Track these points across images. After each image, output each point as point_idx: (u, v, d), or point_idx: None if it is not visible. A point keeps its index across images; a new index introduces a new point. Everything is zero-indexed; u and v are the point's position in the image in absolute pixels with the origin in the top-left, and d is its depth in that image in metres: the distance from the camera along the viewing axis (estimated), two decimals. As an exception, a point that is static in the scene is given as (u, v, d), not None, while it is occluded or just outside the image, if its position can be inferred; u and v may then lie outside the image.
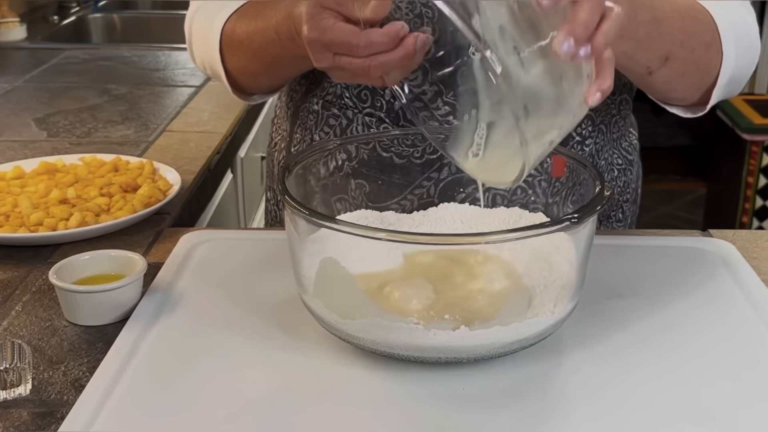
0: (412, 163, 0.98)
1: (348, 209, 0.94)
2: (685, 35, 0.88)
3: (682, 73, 0.90)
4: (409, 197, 0.98)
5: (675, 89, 0.93)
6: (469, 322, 0.72)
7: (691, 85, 0.93)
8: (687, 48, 0.88)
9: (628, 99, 1.08)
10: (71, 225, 1.00)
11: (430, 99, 0.97)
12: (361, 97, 1.01)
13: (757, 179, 2.67)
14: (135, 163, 1.17)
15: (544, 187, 0.99)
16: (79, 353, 0.79)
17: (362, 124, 1.02)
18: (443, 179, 0.98)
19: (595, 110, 1.02)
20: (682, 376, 0.74)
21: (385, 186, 0.98)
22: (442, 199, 0.98)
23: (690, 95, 0.95)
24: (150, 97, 1.59)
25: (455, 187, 0.97)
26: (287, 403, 0.71)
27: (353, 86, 1.01)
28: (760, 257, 0.95)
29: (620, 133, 1.08)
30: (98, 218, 1.03)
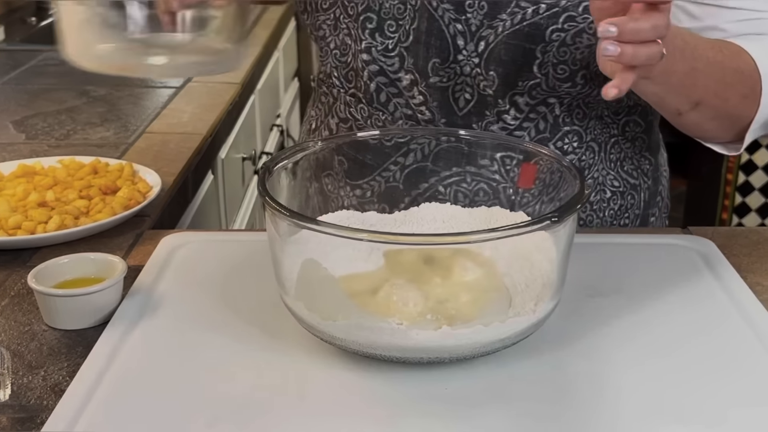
0: (383, 144, 0.98)
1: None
2: (721, 86, 0.89)
3: (712, 118, 0.92)
4: (377, 178, 1.00)
5: (706, 130, 0.94)
6: (450, 321, 0.72)
7: (722, 128, 0.94)
8: (721, 98, 0.89)
9: (639, 122, 1.06)
10: (50, 228, 0.99)
11: (406, 87, 0.98)
12: (348, 78, 1.03)
13: (737, 176, 2.69)
14: (114, 165, 1.17)
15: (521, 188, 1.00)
16: (59, 358, 0.78)
17: (344, 103, 1.05)
18: (408, 165, 0.99)
19: (585, 128, 1.02)
20: (664, 373, 0.75)
21: (359, 165, 0.99)
22: (406, 185, 0.99)
23: (722, 135, 0.96)
24: (129, 99, 1.58)
25: (420, 176, 0.98)
26: (270, 405, 0.71)
27: (341, 67, 1.03)
28: (740, 254, 0.96)
29: (623, 156, 1.06)
30: (77, 221, 1.02)
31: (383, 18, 0.97)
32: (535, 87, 0.96)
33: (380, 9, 0.96)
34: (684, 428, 0.68)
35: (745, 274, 0.91)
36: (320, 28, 1.03)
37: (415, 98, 0.98)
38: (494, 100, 0.97)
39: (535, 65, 0.94)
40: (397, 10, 0.96)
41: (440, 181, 0.99)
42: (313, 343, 0.78)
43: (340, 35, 1.01)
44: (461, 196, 0.99)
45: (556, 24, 0.91)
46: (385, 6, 0.96)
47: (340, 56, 1.02)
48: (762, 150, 2.65)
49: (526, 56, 0.94)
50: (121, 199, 1.06)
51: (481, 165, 0.97)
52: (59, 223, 1.00)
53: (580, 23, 0.91)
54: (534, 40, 0.92)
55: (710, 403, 0.71)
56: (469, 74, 0.96)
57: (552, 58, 0.93)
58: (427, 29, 0.95)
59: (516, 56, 0.94)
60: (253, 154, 1.96)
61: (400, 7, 0.96)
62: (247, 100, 1.90)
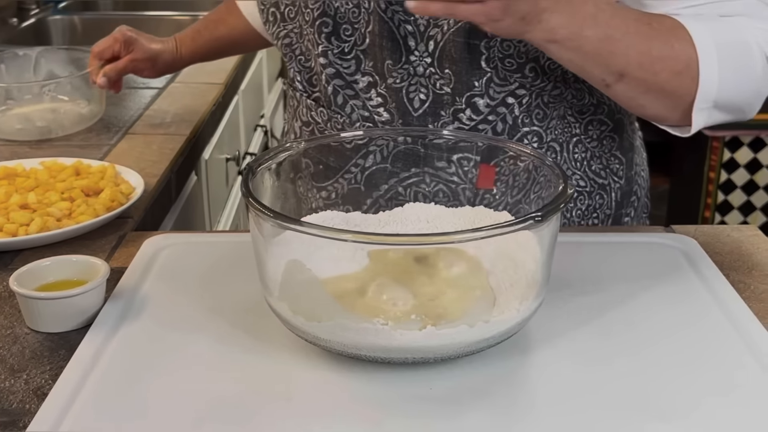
0: (344, 147, 0.99)
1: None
2: (647, 58, 0.88)
3: (643, 92, 0.90)
4: (341, 180, 1.00)
5: (643, 105, 0.93)
6: (435, 321, 0.72)
7: (662, 105, 0.92)
8: (648, 71, 0.88)
9: (605, 121, 1.06)
10: (32, 230, 0.99)
11: (363, 89, 0.99)
12: (312, 82, 1.04)
13: (719, 174, 2.71)
14: (97, 166, 1.16)
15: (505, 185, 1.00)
16: (42, 361, 0.77)
17: (306, 107, 1.07)
18: (368, 167, 0.99)
19: (546, 128, 1.02)
20: (648, 371, 0.75)
21: (323, 167, 0.99)
22: (367, 187, 0.99)
23: (667, 115, 0.94)
24: (112, 99, 1.57)
25: (379, 177, 0.99)
26: (254, 407, 0.71)
27: (305, 71, 1.04)
28: (722, 252, 0.97)
29: (589, 155, 1.06)
30: (60, 223, 1.01)
31: (339, 22, 0.98)
32: (490, 84, 0.97)
33: (335, 13, 0.98)
34: (666, 425, 0.69)
35: (727, 272, 0.92)
36: (287, 36, 1.05)
37: (373, 100, 0.99)
38: (451, 99, 0.98)
39: (482, 60, 0.95)
40: (352, 14, 0.97)
41: (399, 182, 1.00)
42: (297, 344, 0.78)
43: (304, 42, 1.03)
44: (421, 197, 0.99)
45: None
46: (340, 10, 0.97)
47: (305, 62, 1.04)
48: (744, 148, 2.67)
49: (472, 52, 0.94)
50: (104, 200, 1.06)
51: (438, 167, 0.98)
52: (41, 225, 0.99)
53: None
54: (477, 36, 0.93)
55: (693, 400, 0.71)
56: (423, 74, 0.97)
57: (497, 53, 0.94)
58: (379, 31, 0.96)
59: (463, 53, 0.95)
60: (236, 154, 1.95)
61: (354, 11, 0.97)
62: (230, 100, 1.89)
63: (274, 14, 1.06)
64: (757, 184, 2.71)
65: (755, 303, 0.86)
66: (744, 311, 0.84)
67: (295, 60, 1.06)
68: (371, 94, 0.99)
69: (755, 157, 2.69)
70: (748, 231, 1.02)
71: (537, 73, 0.97)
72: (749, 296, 0.87)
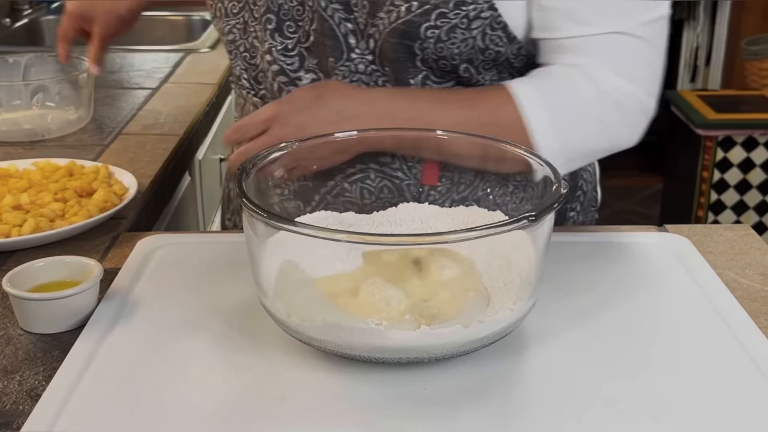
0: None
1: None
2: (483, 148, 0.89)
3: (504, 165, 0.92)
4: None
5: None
6: (429, 321, 0.72)
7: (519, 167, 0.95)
8: (493, 159, 0.90)
9: None
10: (25, 231, 0.98)
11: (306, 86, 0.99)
12: (258, 80, 1.04)
13: (712, 174, 2.71)
14: (90, 167, 1.16)
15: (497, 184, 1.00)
16: (35, 362, 0.77)
17: (252, 104, 1.06)
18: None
19: None
20: (641, 370, 0.75)
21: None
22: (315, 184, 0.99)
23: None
24: (105, 100, 1.57)
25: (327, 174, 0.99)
26: (249, 408, 0.71)
27: (251, 68, 1.04)
28: (715, 251, 0.97)
29: None
30: (53, 224, 1.01)
31: (282, 19, 0.98)
32: (426, 82, 0.97)
33: (279, 10, 0.98)
34: (660, 424, 0.69)
35: (720, 271, 0.92)
36: (231, 32, 1.05)
37: None
38: None
39: (417, 60, 0.96)
40: (296, 11, 0.98)
41: (345, 178, 1.00)
42: (291, 344, 0.78)
43: (249, 38, 1.02)
44: (367, 194, 0.99)
45: (428, 21, 0.92)
46: (284, 7, 0.98)
47: (250, 59, 1.04)
48: (737, 147, 2.68)
49: (407, 52, 0.95)
50: (97, 201, 1.05)
51: (382, 162, 0.98)
52: (34, 226, 0.99)
53: (452, 19, 0.92)
54: (410, 37, 0.94)
55: (686, 400, 0.72)
56: (364, 72, 0.98)
57: (431, 54, 0.95)
58: (321, 29, 0.96)
59: (399, 53, 0.95)
60: (230, 154, 1.94)
61: (299, 8, 0.97)
62: (224, 100, 1.89)
63: (219, 9, 1.05)
64: (750, 183, 2.72)
65: (748, 302, 0.86)
66: (737, 310, 0.84)
67: (239, 57, 1.05)
68: None
69: (748, 156, 2.69)
70: (741, 230, 1.02)
71: (472, 74, 0.97)
72: (742, 295, 0.87)
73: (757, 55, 3.08)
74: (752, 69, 3.11)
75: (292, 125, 0.90)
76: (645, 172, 3.61)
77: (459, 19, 0.92)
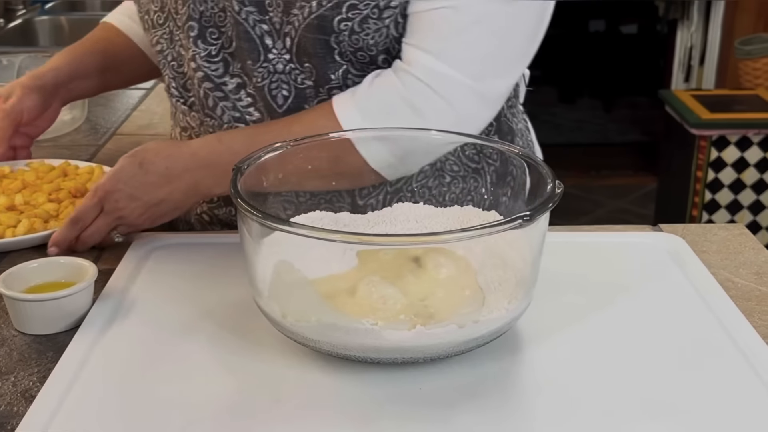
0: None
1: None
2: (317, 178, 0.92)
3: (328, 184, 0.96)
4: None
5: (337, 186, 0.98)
6: (424, 321, 0.72)
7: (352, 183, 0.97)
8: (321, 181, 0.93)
9: None
10: (19, 232, 0.98)
11: (232, 90, 0.99)
12: (186, 87, 1.05)
13: (706, 173, 2.72)
14: (84, 168, 1.15)
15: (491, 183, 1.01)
16: (29, 363, 0.77)
17: (182, 112, 1.07)
18: None
19: None
20: (636, 369, 0.75)
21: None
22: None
23: (366, 183, 0.98)
24: (99, 101, 1.56)
25: None
26: (244, 408, 0.71)
27: (179, 77, 1.05)
28: (709, 250, 0.97)
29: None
30: (47, 225, 1.01)
31: (204, 26, 0.99)
32: (347, 75, 0.97)
33: (201, 17, 0.99)
34: (654, 422, 0.69)
35: (715, 270, 0.92)
36: (158, 42, 1.05)
37: (243, 101, 1.01)
38: (314, 92, 0.98)
39: (335, 54, 0.96)
40: (218, 17, 0.98)
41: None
42: (287, 345, 0.77)
43: (175, 47, 1.03)
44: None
45: (340, 14, 0.93)
46: (206, 14, 0.98)
47: (177, 67, 1.05)
48: (731, 147, 2.68)
49: (324, 47, 0.95)
50: None
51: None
52: (28, 226, 0.99)
53: (363, 10, 0.93)
54: (325, 31, 0.94)
55: (680, 398, 0.72)
56: (283, 71, 0.98)
57: (348, 47, 0.95)
58: (236, 33, 0.97)
59: (317, 48, 0.95)
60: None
61: (220, 15, 0.98)
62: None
63: (147, 21, 1.06)
64: (744, 182, 2.72)
65: (742, 301, 0.86)
66: (731, 309, 0.84)
67: (168, 66, 1.06)
68: (241, 95, 1.00)
69: (742, 155, 2.70)
70: (736, 230, 1.02)
71: (391, 64, 0.97)
72: (736, 294, 0.88)
73: (750, 54, 3.08)
74: (746, 69, 3.12)
75: (123, 198, 0.93)
76: (639, 172, 3.62)
77: (369, 9, 0.93)
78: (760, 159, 2.70)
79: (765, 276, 0.92)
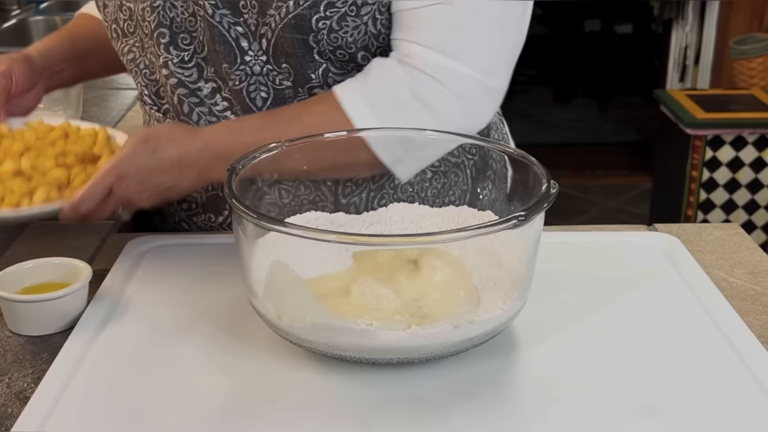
0: None
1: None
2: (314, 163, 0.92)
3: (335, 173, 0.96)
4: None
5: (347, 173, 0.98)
6: (419, 322, 0.72)
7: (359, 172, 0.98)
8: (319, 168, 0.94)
9: None
10: (37, 201, 0.91)
11: (207, 95, 0.99)
12: (159, 95, 1.04)
13: (701, 173, 2.72)
14: (86, 129, 1.06)
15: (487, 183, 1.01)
16: (24, 364, 0.77)
17: (156, 120, 1.06)
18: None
19: None
20: (631, 368, 0.76)
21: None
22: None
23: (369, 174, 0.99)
24: (94, 101, 1.56)
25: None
26: (239, 409, 0.71)
27: (152, 84, 1.04)
28: (704, 250, 0.97)
29: None
30: (62, 194, 0.94)
31: (175, 32, 0.98)
32: (328, 74, 0.97)
33: (171, 23, 0.98)
34: (648, 421, 0.69)
35: (709, 270, 0.92)
36: (130, 51, 1.05)
37: (219, 105, 1.00)
38: (293, 92, 0.98)
39: (314, 53, 0.96)
40: (189, 23, 0.98)
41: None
42: (281, 345, 0.77)
43: (147, 55, 1.03)
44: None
45: (318, 13, 0.93)
46: (176, 20, 0.98)
47: (150, 75, 1.04)
48: (726, 147, 2.69)
49: (303, 47, 0.95)
50: None
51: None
52: (45, 195, 0.92)
53: (341, 8, 0.92)
54: (304, 31, 0.94)
55: (675, 397, 0.72)
56: (260, 73, 0.98)
57: (327, 46, 0.95)
58: (211, 36, 0.97)
59: (295, 48, 0.95)
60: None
61: (191, 20, 0.97)
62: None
63: (116, 30, 1.05)
64: (739, 182, 2.73)
65: (737, 301, 0.86)
66: (726, 309, 0.84)
67: (140, 75, 1.05)
68: (216, 99, 1.00)
69: (737, 155, 2.70)
70: (731, 229, 1.03)
71: (369, 61, 0.97)
72: (731, 294, 0.88)
73: (745, 54, 3.09)
74: (741, 68, 3.13)
75: (133, 184, 0.91)
76: (634, 172, 3.62)
77: (347, 7, 0.92)
78: (755, 158, 2.71)
79: (760, 275, 0.92)
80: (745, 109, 2.75)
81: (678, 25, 3.47)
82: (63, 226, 1.04)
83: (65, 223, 0.91)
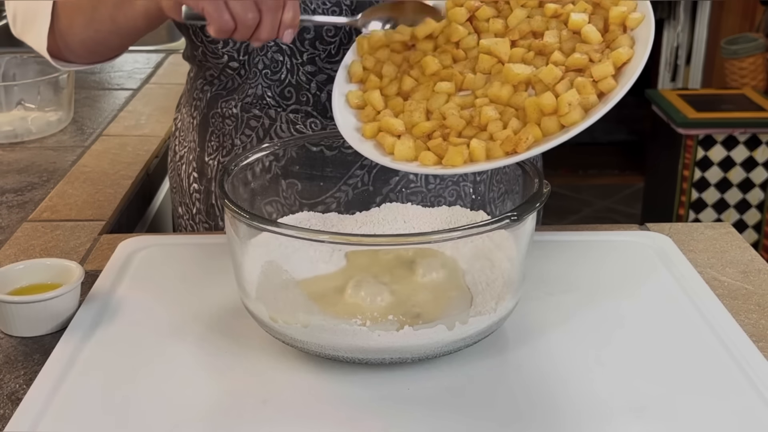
0: (343, 153, 0.97)
1: (281, 211, 0.92)
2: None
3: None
4: (343, 188, 0.98)
5: None
6: (412, 322, 0.72)
7: None
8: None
9: None
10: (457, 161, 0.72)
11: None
12: (285, 95, 1.00)
13: (693, 172, 2.73)
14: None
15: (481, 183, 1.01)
16: (15, 366, 0.77)
17: (287, 122, 1.01)
18: (376, 164, 0.96)
19: None
20: (623, 368, 0.76)
21: (318, 180, 0.97)
22: (377, 185, 0.98)
23: None
24: (85, 101, 1.56)
25: (388, 172, 0.97)
26: (232, 410, 0.71)
27: (275, 85, 1.00)
28: (696, 249, 0.97)
29: None
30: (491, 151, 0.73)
31: (318, 28, 0.95)
32: None
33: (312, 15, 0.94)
34: (641, 421, 0.69)
35: (701, 269, 0.93)
36: (246, 52, 1.00)
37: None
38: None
39: None
40: (332, 12, 0.95)
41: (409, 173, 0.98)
42: (274, 346, 0.77)
43: (268, 53, 0.98)
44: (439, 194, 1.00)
45: None
46: (318, 11, 0.94)
47: (272, 75, 0.99)
48: (717, 146, 2.70)
49: None
50: None
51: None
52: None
53: None
54: None
55: (667, 397, 0.72)
56: None
57: None
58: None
59: None
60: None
61: (335, 9, 0.94)
62: (205, 101, 1.88)
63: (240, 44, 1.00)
64: (731, 181, 2.74)
65: (729, 300, 0.87)
66: (718, 308, 0.84)
67: (260, 75, 1.00)
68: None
69: (728, 155, 2.71)
70: (722, 228, 1.03)
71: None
72: (723, 293, 0.88)
73: (736, 54, 3.10)
74: (732, 68, 3.14)
75: None
76: (626, 171, 3.63)
77: None
78: (746, 158, 2.72)
79: (751, 274, 0.92)
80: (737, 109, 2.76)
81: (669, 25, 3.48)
82: (54, 226, 1.04)
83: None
